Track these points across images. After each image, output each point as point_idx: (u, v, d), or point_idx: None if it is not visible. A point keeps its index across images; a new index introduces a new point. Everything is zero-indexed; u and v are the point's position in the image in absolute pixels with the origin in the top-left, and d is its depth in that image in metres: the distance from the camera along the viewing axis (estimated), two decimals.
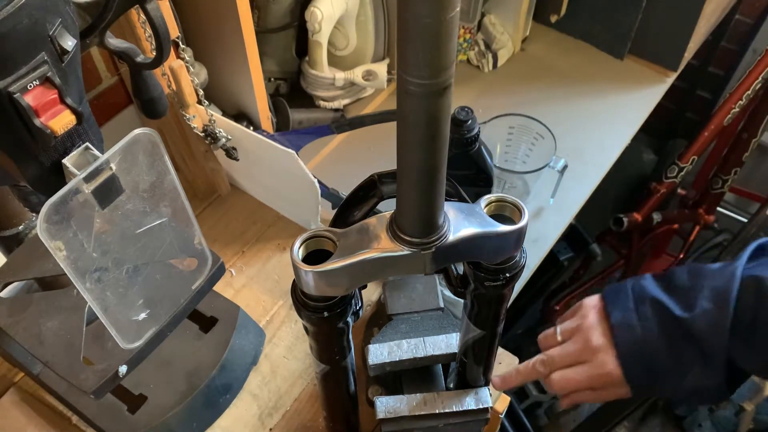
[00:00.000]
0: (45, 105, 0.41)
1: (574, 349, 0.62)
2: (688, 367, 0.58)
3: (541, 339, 0.66)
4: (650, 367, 0.59)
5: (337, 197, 0.87)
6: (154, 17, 0.52)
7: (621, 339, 0.60)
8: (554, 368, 0.63)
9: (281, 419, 0.74)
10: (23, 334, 0.58)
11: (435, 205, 0.39)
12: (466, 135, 0.71)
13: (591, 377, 0.61)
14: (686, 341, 0.58)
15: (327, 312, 0.46)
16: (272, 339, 0.80)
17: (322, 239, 0.44)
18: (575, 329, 0.63)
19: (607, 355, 0.60)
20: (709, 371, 0.57)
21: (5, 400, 0.72)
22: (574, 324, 0.64)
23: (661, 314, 0.59)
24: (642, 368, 0.59)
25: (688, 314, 0.57)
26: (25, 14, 0.38)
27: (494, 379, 0.65)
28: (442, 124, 0.34)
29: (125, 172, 0.46)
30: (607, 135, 1.09)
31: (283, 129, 0.99)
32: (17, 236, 0.66)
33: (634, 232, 1.65)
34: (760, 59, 1.35)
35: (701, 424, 1.62)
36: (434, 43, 0.30)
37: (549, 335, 0.66)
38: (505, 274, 0.47)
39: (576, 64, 1.20)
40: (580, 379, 0.61)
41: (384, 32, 1.03)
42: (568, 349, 0.63)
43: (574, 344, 0.63)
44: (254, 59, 0.80)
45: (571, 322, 0.64)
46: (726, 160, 1.60)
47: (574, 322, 0.64)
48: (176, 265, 0.58)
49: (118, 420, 0.67)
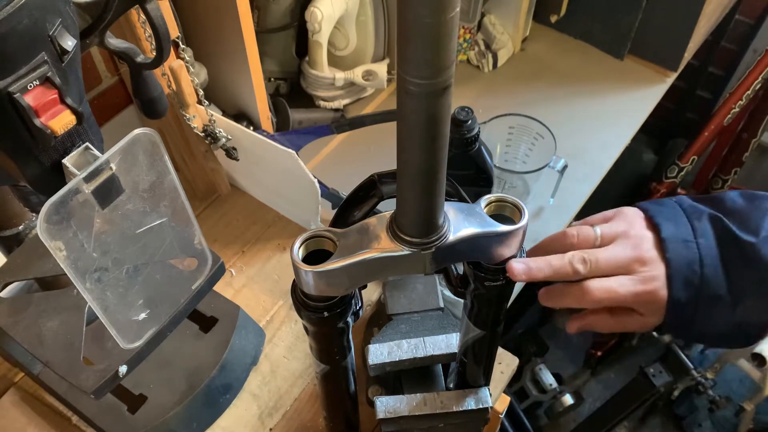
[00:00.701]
0: (45, 105, 0.41)
1: (623, 255, 0.52)
2: (743, 297, 0.51)
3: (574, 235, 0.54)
4: (700, 292, 0.51)
5: (337, 197, 0.87)
6: (154, 17, 0.52)
7: (675, 254, 0.51)
8: (593, 271, 0.52)
9: (281, 419, 0.74)
10: (23, 334, 0.58)
11: (435, 205, 0.39)
12: (466, 135, 0.71)
13: (635, 293, 0.51)
14: (748, 267, 0.50)
15: (327, 312, 0.46)
16: (272, 339, 0.80)
17: (322, 239, 0.44)
18: (621, 234, 0.53)
19: (658, 270, 0.51)
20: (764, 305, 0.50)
21: (5, 400, 0.72)
22: (620, 228, 0.53)
23: (721, 233, 0.51)
24: (691, 292, 0.51)
25: (753, 238, 0.50)
26: (25, 14, 0.38)
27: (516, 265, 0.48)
28: (442, 124, 0.34)
29: (125, 172, 0.46)
30: (607, 135, 1.09)
31: (283, 129, 0.99)
32: (17, 236, 0.66)
33: None
34: (760, 59, 1.35)
35: (701, 424, 1.62)
36: (434, 43, 0.30)
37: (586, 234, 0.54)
38: (505, 274, 0.47)
39: (576, 64, 1.20)
40: (624, 292, 0.51)
41: (384, 32, 1.03)
42: (617, 253, 0.52)
43: (624, 249, 0.52)
44: (254, 59, 0.80)
45: (613, 225, 0.54)
46: (726, 160, 1.60)
47: (618, 227, 0.54)
48: (176, 265, 0.58)
49: (118, 420, 0.67)
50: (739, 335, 0.52)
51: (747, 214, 0.52)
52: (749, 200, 0.53)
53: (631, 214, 0.55)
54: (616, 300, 0.52)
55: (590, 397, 1.73)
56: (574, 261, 0.52)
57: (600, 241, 0.54)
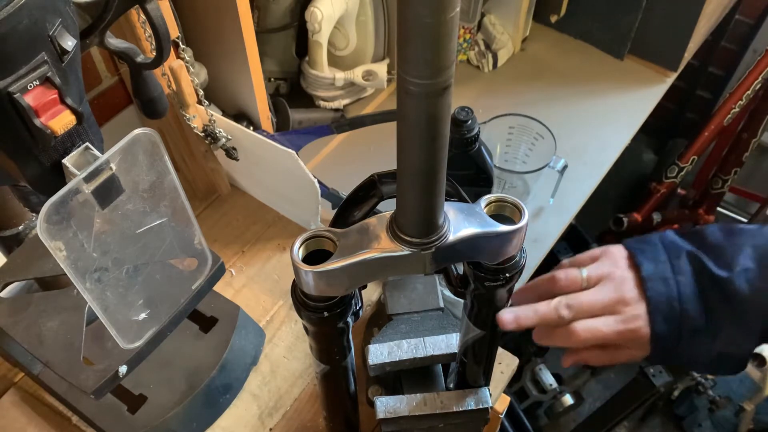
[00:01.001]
0: (45, 105, 0.41)
1: (604, 298, 0.55)
2: (721, 328, 0.53)
3: (563, 279, 0.57)
4: (681, 325, 0.54)
5: (337, 197, 0.87)
6: (154, 17, 0.52)
7: (654, 292, 0.54)
8: (578, 315, 0.55)
9: (281, 419, 0.74)
10: (23, 334, 0.58)
11: (435, 205, 0.39)
12: (466, 135, 0.71)
13: (618, 332, 0.54)
14: (724, 301, 0.53)
15: (327, 312, 0.46)
16: (272, 339, 0.80)
17: (322, 239, 0.44)
18: (605, 276, 0.56)
19: (639, 309, 0.54)
20: (742, 335, 0.53)
21: (5, 400, 0.72)
22: (604, 270, 0.56)
23: (698, 269, 0.54)
24: (671, 326, 0.54)
25: (727, 273, 0.53)
26: (25, 14, 0.38)
27: (505, 315, 0.54)
28: (442, 124, 0.34)
29: (125, 172, 0.46)
30: (607, 135, 1.09)
31: (283, 129, 0.99)
32: (17, 236, 0.66)
33: (634, 233, 1.65)
34: (760, 59, 1.35)
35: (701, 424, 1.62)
36: (434, 43, 0.30)
37: (573, 277, 0.57)
38: (505, 274, 0.47)
39: (576, 64, 1.20)
40: (606, 331, 0.54)
41: (384, 32, 1.03)
42: (599, 296, 0.55)
43: (606, 292, 0.55)
44: (254, 59, 0.80)
45: (599, 267, 0.57)
46: (726, 160, 1.60)
47: (603, 268, 0.57)
48: (176, 265, 0.58)
49: (118, 420, 0.67)
50: (722, 364, 0.55)
51: (723, 249, 0.55)
52: (727, 235, 0.56)
53: (616, 254, 0.58)
54: (601, 339, 0.55)
55: (590, 397, 1.73)
56: (560, 308, 0.55)
57: (587, 283, 0.57)
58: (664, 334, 0.54)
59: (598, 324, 0.55)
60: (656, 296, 0.54)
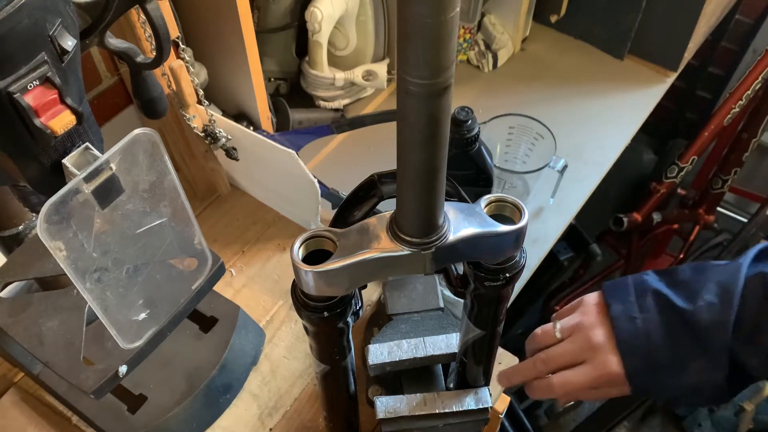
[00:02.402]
0: (45, 105, 0.41)
1: (573, 348, 0.61)
2: (688, 361, 0.57)
3: (540, 335, 0.64)
4: (650, 360, 0.58)
5: (337, 197, 0.87)
6: (154, 17, 0.52)
7: (621, 330, 0.58)
8: (553, 368, 0.61)
9: (281, 419, 0.74)
10: (23, 334, 0.58)
11: (435, 205, 0.39)
12: (466, 135, 0.71)
13: (592, 379, 0.59)
14: (688, 334, 0.56)
15: (327, 312, 0.46)
16: (272, 339, 0.80)
17: (322, 239, 0.44)
18: (575, 327, 0.62)
19: (608, 354, 0.59)
20: (710, 366, 0.56)
21: (5, 400, 0.72)
22: (574, 321, 0.62)
23: (662, 306, 0.58)
24: (642, 362, 0.58)
25: (690, 306, 0.56)
26: (25, 14, 0.38)
27: (500, 377, 0.64)
28: (442, 124, 0.34)
29: (125, 172, 0.46)
30: (607, 135, 1.09)
31: (283, 129, 0.99)
32: (17, 236, 0.66)
33: (634, 232, 1.65)
34: (760, 59, 1.35)
35: (701, 423, 1.62)
36: (434, 43, 0.30)
37: (547, 331, 0.64)
38: (505, 274, 0.47)
39: (576, 64, 1.20)
40: (580, 381, 0.60)
41: (384, 32, 1.03)
42: (567, 347, 0.61)
43: (573, 343, 0.61)
44: (254, 59, 0.80)
45: (570, 319, 0.63)
46: (726, 160, 1.60)
47: (573, 319, 0.62)
48: (176, 265, 0.58)
49: (118, 420, 0.67)
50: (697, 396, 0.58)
51: (689, 284, 0.58)
52: (695, 272, 0.59)
53: (589, 302, 0.63)
54: (577, 387, 0.60)
55: None
56: (537, 363, 0.62)
57: (560, 335, 0.62)
58: (637, 371, 0.58)
59: (570, 375, 0.60)
60: (623, 333, 0.58)
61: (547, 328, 0.64)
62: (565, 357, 0.61)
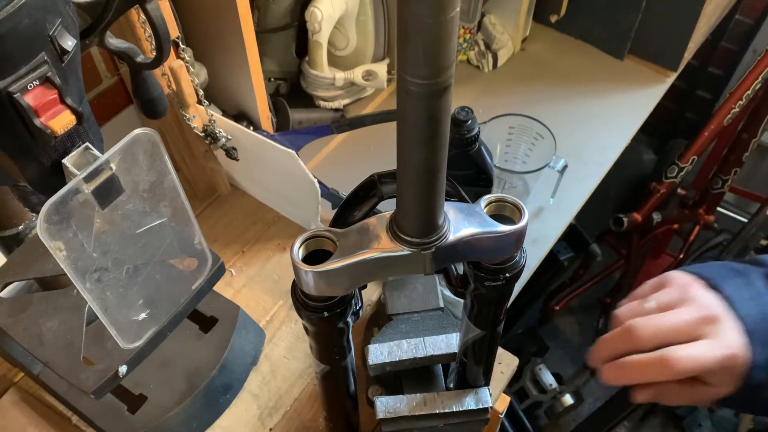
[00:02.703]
0: (45, 105, 0.41)
1: (690, 318, 0.48)
2: None
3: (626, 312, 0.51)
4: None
5: (337, 197, 0.87)
6: (154, 17, 0.52)
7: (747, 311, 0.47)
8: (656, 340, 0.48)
9: (281, 419, 0.74)
10: (23, 334, 0.58)
11: (435, 205, 0.39)
12: (466, 135, 0.71)
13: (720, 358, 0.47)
14: None
15: (327, 312, 0.46)
16: (272, 339, 0.80)
17: (322, 239, 0.44)
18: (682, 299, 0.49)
19: (732, 330, 0.47)
20: None
21: (5, 400, 0.72)
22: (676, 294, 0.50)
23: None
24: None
25: None
26: (25, 14, 0.38)
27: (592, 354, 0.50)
28: (442, 124, 0.34)
29: (125, 172, 0.46)
30: (607, 135, 1.09)
31: (283, 129, 0.99)
32: (17, 236, 0.66)
33: (634, 232, 1.65)
34: (760, 59, 1.35)
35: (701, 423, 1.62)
36: (434, 43, 0.30)
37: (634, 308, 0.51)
38: (505, 274, 0.47)
39: (576, 64, 1.20)
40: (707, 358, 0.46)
41: (384, 32, 1.03)
42: (683, 315, 0.48)
43: (689, 312, 0.48)
44: (254, 59, 0.80)
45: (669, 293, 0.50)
46: (726, 160, 1.60)
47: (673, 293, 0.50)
48: (176, 265, 0.58)
49: (118, 420, 0.67)
50: None
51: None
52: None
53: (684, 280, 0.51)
54: (702, 369, 0.47)
55: (590, 397, 1.73)
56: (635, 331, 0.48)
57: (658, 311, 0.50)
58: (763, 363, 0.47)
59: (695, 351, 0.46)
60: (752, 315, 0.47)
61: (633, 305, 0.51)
62: (679, 327, 0.48)
